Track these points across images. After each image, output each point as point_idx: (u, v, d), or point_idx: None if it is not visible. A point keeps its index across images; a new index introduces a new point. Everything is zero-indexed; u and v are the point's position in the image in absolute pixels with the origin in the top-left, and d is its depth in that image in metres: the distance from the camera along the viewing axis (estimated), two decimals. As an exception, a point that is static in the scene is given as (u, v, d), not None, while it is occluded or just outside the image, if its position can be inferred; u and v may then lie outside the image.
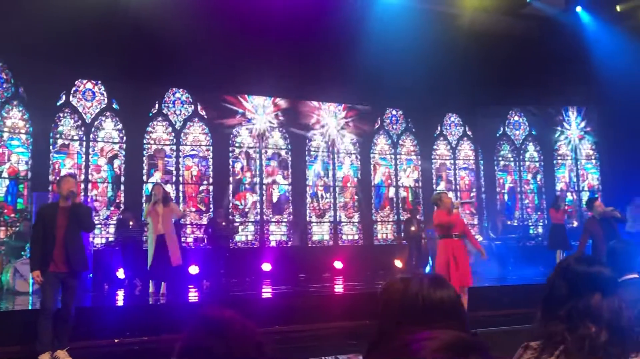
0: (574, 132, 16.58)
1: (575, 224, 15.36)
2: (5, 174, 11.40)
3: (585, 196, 16.27)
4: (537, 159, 16.38)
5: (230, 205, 13.58)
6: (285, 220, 14.16)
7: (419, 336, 1.07)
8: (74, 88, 12.54)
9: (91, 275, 9.92)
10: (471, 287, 7.42)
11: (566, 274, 1.83)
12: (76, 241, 6.11)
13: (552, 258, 12.02)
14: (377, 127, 15.36)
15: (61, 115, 12.31)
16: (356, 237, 14.84)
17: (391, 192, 15.30)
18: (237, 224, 13.44)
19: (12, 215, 11.35)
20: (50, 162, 12.02)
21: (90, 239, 10.50)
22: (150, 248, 8.89)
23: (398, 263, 12.86)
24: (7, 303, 8.55)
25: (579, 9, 13.27)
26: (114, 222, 12.36)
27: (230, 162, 13.82)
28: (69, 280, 6.03)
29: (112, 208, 12.59)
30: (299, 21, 11.77)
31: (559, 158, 16.45)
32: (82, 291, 8.31)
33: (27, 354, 6.06)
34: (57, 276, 5.96)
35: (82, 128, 12.55)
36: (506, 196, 16.05)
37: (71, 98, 12.48)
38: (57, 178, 11.92)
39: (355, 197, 14.92)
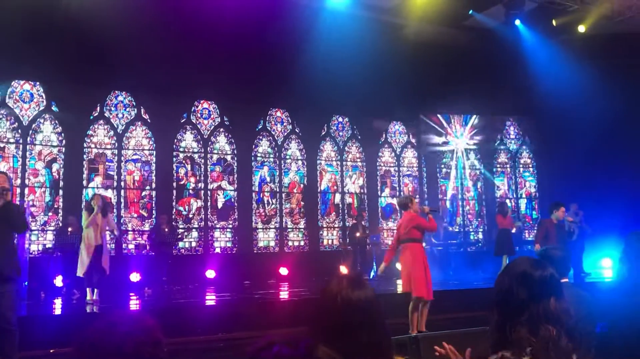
0: (511, 141, 17.19)
1: (514, 230, 15.87)
2: None
3: (523, 203, 16.88)
4: (477, 167, 16.85)
5: (174, 211, 13.34)
6: (231, 226, 14.03)
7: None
8: (10, 89, 12.08)
9: (26, 283, 9.54)
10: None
11: (524, 280, 1.86)
12: (5, 243, 5.49)
13: (492, 264, 12.40)
14: (323, 133, 15.45)
15: (-4, 116, 11.82)
16: (302, 243, 14.85)
17: (337, 198, 15.41)
18: (182, 230, 13.22)
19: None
20: (-16, 166, 11.52)
21: (26, 245, 10.12)
22: (86, 256, 8.85)
23: (343, 269, 12.94)
24: None
25: (517, 22, 13.76)
26: (52, 228, 11.96)
27: (174, 167, 13.59)
28: (0, 287, 5.32)
29: (50, 214, 12.17)
30: (245, 27, 11.74)
31: (498, 166, 16.99)
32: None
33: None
34: None
35: (19, 131, 12.09)
36: (448, 203, 16.43)
37: (7, 99, 12.01)
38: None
39: (302, 203, 14.94)
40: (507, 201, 15.37)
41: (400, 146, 16.39)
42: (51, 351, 6.61)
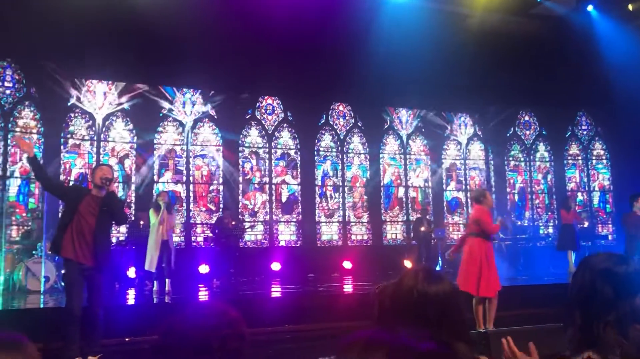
0: (584, 132, 16.52)
1: (586, 224, 15.28)
2: (17, 174, 11.50)
3: (595, 196, 16.19)
4: (547, 159, 16.31)
5: (240, 204, 13.62)
6: (295, 220, 14.18)
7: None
8: (85, 89, 12.63)
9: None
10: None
11: (608, 277, 1.77)
12: (106, 233, 5.62)
13: (563, 259, 12.00)
14: (386, 126, 15.35)
15: (72, 115, 12.40)
16: (365, 237, 14.83)
17: (401, 192, 15.28)
18: (245, 224, 13.47)
19: (24, 215, 11.45)
20: (61, 162, 12.12)
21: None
22: (155, 253, 9.22)
23: (407, 263, 12.83)
24: (19, 302, 8.63)
25: (590, 8, 13.18)
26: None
27: (240, 162, 13.86)
28: (95, 277, 5.47)
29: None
30: (307, 21, 11.77)
31: (569, 158, 16.37)
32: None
33: (44, 352, 6.04)
34: (81, 271, 5.41)
35: (93, 128, 12.64)
36: (516, 197, 15.98)
37: (82, 98, 12.58)
38: (67, 177, 12.06)
39: (364, 197, 14.91)
40: (579, 194, 14.81)
41: (466, 138, 16.07)
42: (126, 339, 6.89)
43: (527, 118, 16.45)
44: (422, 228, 13.36)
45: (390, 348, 0.77)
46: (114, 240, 12.19)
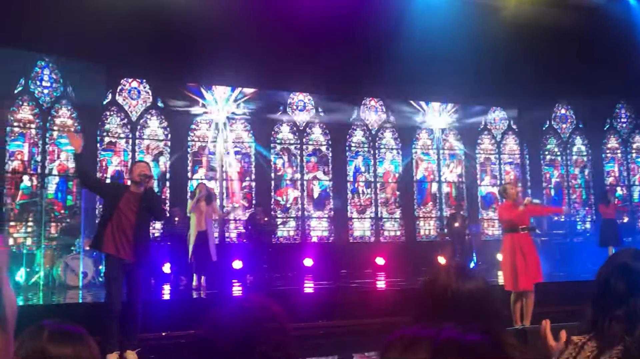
0: (623, 124, 16.09)
1: (626, 219, 14.88)
2: (55, 171, 11.77)
3: (636, 191, 15.78)
4: (584, 153, 15.95)
5: (272, 200, 13.69)
6: (326, 215, 14.18)
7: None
8: (119, 87, 12.84)
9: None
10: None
11: (624, 272, 1.73)
12: (145, 230, 5.72)
13: (601, 255, 11.71)
14: (419, 121, 15.22)
15: (108, 113, 12.62)
16: (398, 233, 14.75)
17: (434, 188, 15.15)
18: (278, 220, 13.52)
19: (62, 211, 11.72)
20: (98, 160, 12.35)
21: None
22: (192, 243, 9.22)
23: (441, 260, 12.71)
24: (59, 297, 8.84)
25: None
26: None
27: (272, 158, 13.92)
28: (135, 272, 5.56)
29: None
30: (338, 16, 11.74)
31: (607, 151, 15.98)
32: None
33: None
34: (121, 266, 5.50)
35: (128, 126, 12.84)
36: (552, 191, 15.67)
37: (117, 96, 12.79)
38: (105, 175, 12.30)
39: (397, 193, 14.82)
40: (618, 188, 14.45)
41: (501, 132, 15.82)
42: (163, 333, 7.00)
43: (563, 111, 16.10)
44: (456, 224, 13.22)
45: (435, 341, 0.75)
46: (149, 236, 12.42)
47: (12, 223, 11.02)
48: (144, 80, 13.06)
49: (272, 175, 13.86)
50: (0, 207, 10.74)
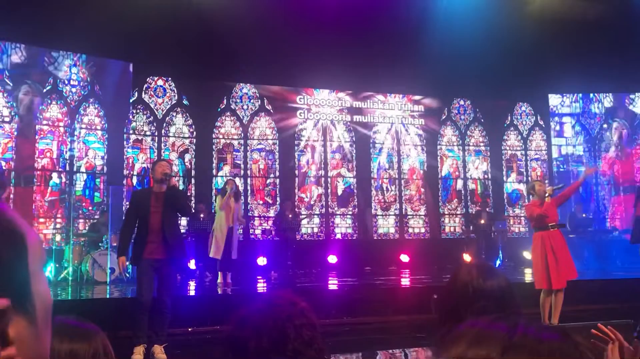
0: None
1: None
2: (83, 169, 11.95)
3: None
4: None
5: (296, 197, 13.72)
6: (350, 212, 14.17)
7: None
8: (145, 85, 12.98)
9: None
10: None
11: None
12: (173, 226, 5.79)
13: (631, 253, 11.50)
14: (443, 117, 15.10)
15: (134, 111, 12.78)
16: (422, 230, 14.66)
17: (459, 184, 15.02)
18: (303, 217, 13.55)
19: (90, 208, 11.91)
20: (125, 157, 12.51)
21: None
22: (221, 239, 9.24)
23: (467, 257, 12.61)
24: (87, 292, 8.99)
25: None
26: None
27: (296, 156, 13.95)
28: (165, 268, 5.67)
29: (183, 201, 12.97)
30: (361, 10, 11.72)
31: (639, 148, 15.64)
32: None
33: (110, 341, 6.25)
34: (151, 264, 5.61)
35: (154, 124, 12.98)
36: (580, 188, 15.39)
37: (143, 95, 12.93)
38: (131, 172, 12.45)
39: (422, 190, 14.73)
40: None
41: (527, 128, 15.61)
42: (189, 329, 7.07)
43: (592, 107, 15.80)
44: (482, 221, 13.09)
45: (509, 337, 0.71)
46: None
47: (41, 220, 11.22)
48: (170, 78, 13.18)
49: (296, 172, 13.88)
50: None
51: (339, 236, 13.96)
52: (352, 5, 11.58)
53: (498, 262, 12.69)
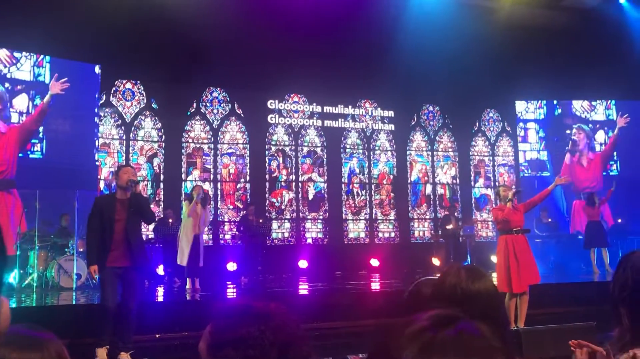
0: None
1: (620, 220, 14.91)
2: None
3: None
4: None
5: (267, 202, 13.68)
6: (321, 217, 14.18)
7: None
8: (114, 88, 12.80)
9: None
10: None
11: None
12: (137, 233, 5.76)
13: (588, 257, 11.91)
14: (413, 123, 15.24)
15: (102, 114, 12.58)
16: (392, 235, 14.76)
17: (428, 189, 15.18)
18: (270, 221, 13.49)
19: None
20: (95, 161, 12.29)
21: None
22: (186, 246, 9.19)
23: (435, 261, 12.74)
24: (53, 299, 8.80)
25: (622, 0, 12.89)
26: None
27: (267, 160, 13.91)
28: (129, 275, 5.65)
29: (152, 206, 12.80)
30: (333, 18, 11.78)
31: (598, 152, 16.00)
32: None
33: (75, 347, 6.13)
34: (115, 271, 5.59)
35: (122, 128, 12.80)
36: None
37: (111, 98, 12.75)
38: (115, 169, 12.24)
39: (391, 195, 14.84)
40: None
41: (495, 134, 15.86)
42: (157, 336, 6.97)
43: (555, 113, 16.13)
44: (450, 226, 13.24)
45: (431, 335, 0.71)
46: (142, 238, 12.37)
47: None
48: (138, 81, 13.01)
49: (267, 176, 13.84)
50: None
51: (309, 241, 13.96)
52: (323, 11, 11.63)
53: (466, 266, 12.85)
